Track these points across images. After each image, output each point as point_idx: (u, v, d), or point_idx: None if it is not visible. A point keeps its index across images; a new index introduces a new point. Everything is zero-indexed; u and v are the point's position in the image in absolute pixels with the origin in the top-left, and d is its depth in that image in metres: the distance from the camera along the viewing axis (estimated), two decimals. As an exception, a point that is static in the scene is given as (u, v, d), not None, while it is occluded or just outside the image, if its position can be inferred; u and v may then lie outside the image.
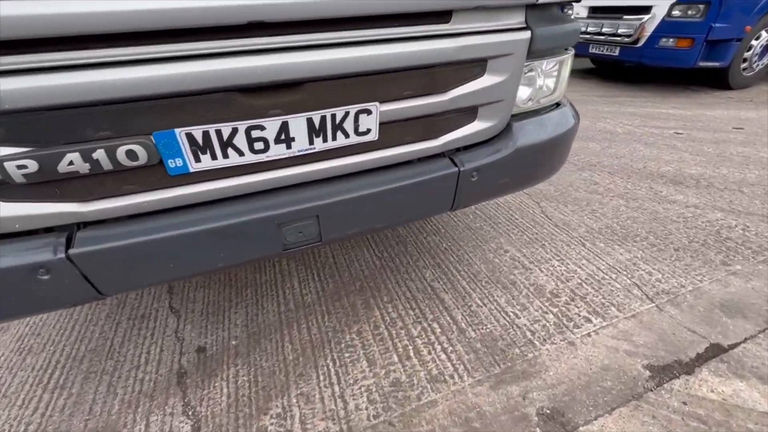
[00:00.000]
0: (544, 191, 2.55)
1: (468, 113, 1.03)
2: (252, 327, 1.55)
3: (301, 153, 0.87)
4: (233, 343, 1.48)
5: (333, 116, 0.84)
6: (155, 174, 0.79)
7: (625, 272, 1.78)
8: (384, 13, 0.82)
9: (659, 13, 4.80)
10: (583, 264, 1.85)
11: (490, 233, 2.11)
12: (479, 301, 1.64)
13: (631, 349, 1.40)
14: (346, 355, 1.41)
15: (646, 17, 4.92)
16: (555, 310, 1.58)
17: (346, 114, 0.85)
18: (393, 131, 0.95)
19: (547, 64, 1.15)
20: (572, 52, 1.25)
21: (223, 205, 0.84)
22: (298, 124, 0.82)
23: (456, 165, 1.04)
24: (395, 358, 1.39)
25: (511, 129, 1.11)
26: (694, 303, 1.60)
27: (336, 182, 0.93)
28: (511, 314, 1.57)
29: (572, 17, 1.20)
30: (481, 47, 0.93)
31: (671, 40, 4.79)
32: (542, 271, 1.81)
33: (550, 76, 1.19)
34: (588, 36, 5.64)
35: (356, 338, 1.48)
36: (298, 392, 1.28)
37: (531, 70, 1.09)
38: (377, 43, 0.84)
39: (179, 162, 0.79)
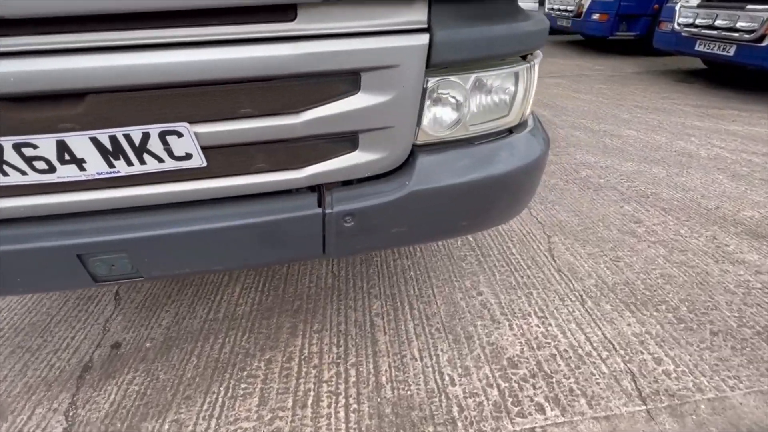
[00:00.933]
0: (564, 222, 2.11)
1: (344, 141, 0.79)
2: (173, 331, 1.50)
3: (103, 176, 0.72)
4: (147, 345, 1.44)
5: (127, 137, 0.68)
6: None
7: (622, 352, 1.36)
8: (196, 8, 0.62)
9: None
10: (569, 329, 1.46)
11: (471, 267, 1.79)
12: (417, 353, 1.38)
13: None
14: (243, 386, 1.28)
15: (778, 9, 3.81)
16: (504, 385, 1.26)
17: (146, 135, 0.68)
18: (231, 157, 0.76)
19: (491, 78, 0.84)
20: (537, 60, 0.90)
21: (7, 227, 0.75)
22: (81, 144, 0.67)
23: (321, 205, 0.81)
24: (289, 403, 1.22)
25: (413, 164, 0.84)
26: (708, 419, 1.15)
27: (152, 213, 0.77)
28: (447, 378, 1.29)
29: (537, 11, 0.86)
30: (341, 56, 0.68)
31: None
32: (512, 329, 1.47)
33: (498, 93, 0.87)
34: (695, 30, 4.58)
35: (263, 368, 1.34)
36: (175, 418, 1.19)
37: (449, 87, 0.79)
38: (184, 46, 0.64)
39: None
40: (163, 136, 0.69)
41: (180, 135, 0.69)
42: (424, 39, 0.70)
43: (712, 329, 1.45)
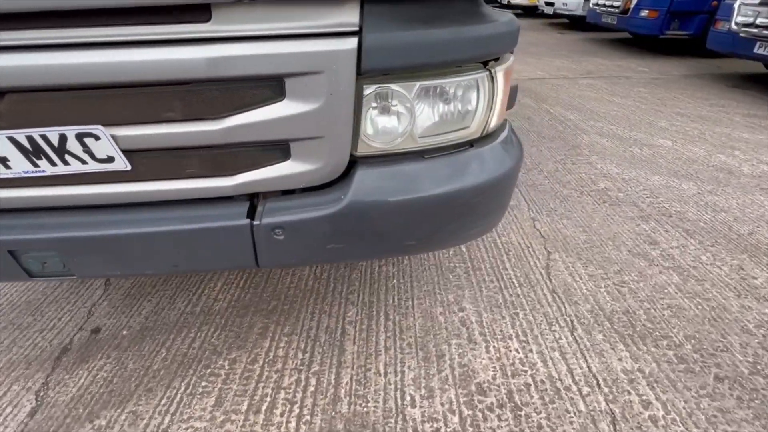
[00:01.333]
0: (569, 238, 1.95)
1: (274, 150, 0.74)
2: (150, 321, 1.53)
3: (30, 175, 0.72)
4: (124, 332, 1.48)
5: (45, 137, 0.67)
6: None
7: (606, 389, 1.23)
8: (107, 7, 0.59)
9: None
10: (551, 358, 1.34)
11: (458, 280, 1.70)
12: (382, 367, 1.33)
13: None
14: (204, 384, 1.28)
15: None
16: (468, 412, 1.18)
17: (64, 137, 0.67)
18: (158, 162, 0.73)
19: (441, 87, 0.76)
20: (502, 66, 0.81)
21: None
22: (1, 144, 0.67)
23: (250, 216, 0.77)
24: (244, 407, 1.21)
25: (352, 177, 0.77)
26: (692, 479, 1.01)
27: (80, 214, 0.76)
28: (408, 399, 1.23)
29: (503, 12, 0.76)
30: (259, 60, 0.63)
31: None
32: (489, 352, 1.37)
33: (452, 104, 0.79)
34: (755, 30, 4.12)
35: (226, 367, 1.34)
36: (133, 409, 1.21)
37: (390, 96, 0.72)
38: (96, 47, 0.62)
39: None
40: (80, 138, 0.67)
41: (97, 138, 0.67)
42: (351, 43, 0.63)
43: (717, 374, 1.28)
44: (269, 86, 0.67)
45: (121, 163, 0.72)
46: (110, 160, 0.72)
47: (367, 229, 0.79)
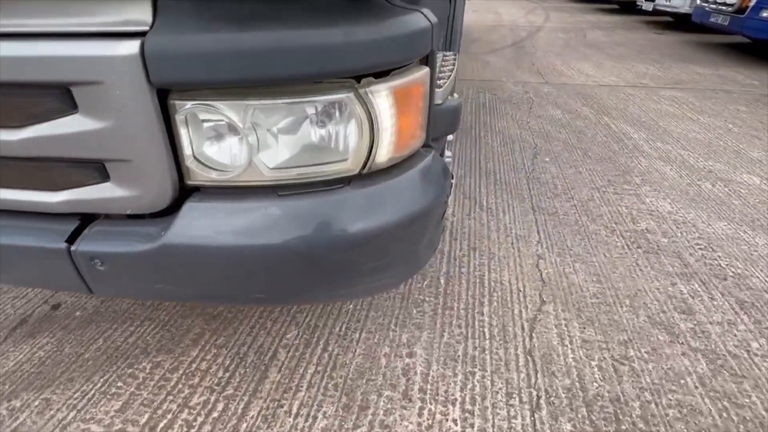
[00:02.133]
0: (576, 287, 1.61)
1: (91, 168, 0.62)
2: (104, 306, 1.55)
3: None
4: (77, 314, 1.52)
5: None
6: None
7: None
8: None
9: None
10: (494, 441, 1.09)
11: (420, 318, 1.48)
12: (296, 407, 1.18)
13: None
14: (119, 384, 1.26)
15: None
16: (366, 487, 0.99)
17: None
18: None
19: (305, 109, 0.58)
20: (386, 85, 0.60)
21: None
22: None
23: (70, 240, 0.66)
24: (143, 420, 1.15)
25: (178, 210, 0.63)
26: None
27: None
28: (308, 452, 1.07)
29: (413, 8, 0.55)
30: (25, 63, 0.50)
31: None
32: (421, 416, 1.16)
33: (317, 129, 0.60)
34: None
35: (147, 370, 1.30)
36: (47, 397, 1.22)
37: (216, 117, 0.56)
38: None
39: None
40: None
41: None
42: (129, 48, 0.49)
43: None
44: (56, 96, 0.55)
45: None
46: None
47: (197, 273, 0.65)
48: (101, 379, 1.28)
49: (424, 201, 0.71)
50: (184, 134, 0.60)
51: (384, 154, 0.67)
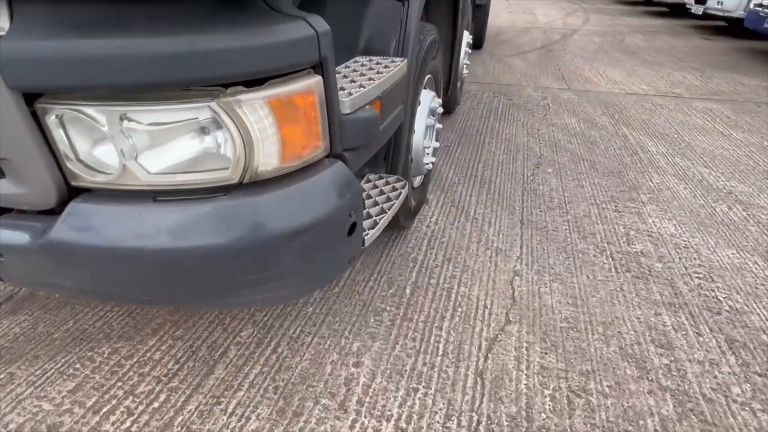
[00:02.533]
0: (548, 309, 1.53)
1: (-8, 165, 0.65)
2: (82, 290, 1.64)
3: None
4: (57, 295, 1.62)
5: None
6: None
7: None
8: None
9: None
10: (420, 463, 1.05)
11: (377, 327, 1.45)
12: (233, 406, 1.20)
13: None
14: (77, 366, 1.32)
15: None
16: (280, 495, 0.99)
17: None
18: None
19: (150, 115, 0.57)
20: (254, 95, 0.58)
21: None
22: None
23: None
24: (90, 402, 1.20)
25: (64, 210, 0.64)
26: None
27: None
28: (233, 452, 1.08)
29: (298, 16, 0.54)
30: None
31: None
32: (353, 429, 1.14)
33: (187, 137, 0.60)
34: None
35: (105, 355, 1.35)
36: (12, 371, 1.30)
37: (83, 122, 0.56)
38: None
39: None
40: None
41: None
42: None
43: None
44: None
45: None
46: None
47: (79, 272, 0.67)
48: (63, 359, 1.35)
49: (316, 213, 0.69)
50: (58, 137, 0.62)
51: (269, 163, 0.66)
